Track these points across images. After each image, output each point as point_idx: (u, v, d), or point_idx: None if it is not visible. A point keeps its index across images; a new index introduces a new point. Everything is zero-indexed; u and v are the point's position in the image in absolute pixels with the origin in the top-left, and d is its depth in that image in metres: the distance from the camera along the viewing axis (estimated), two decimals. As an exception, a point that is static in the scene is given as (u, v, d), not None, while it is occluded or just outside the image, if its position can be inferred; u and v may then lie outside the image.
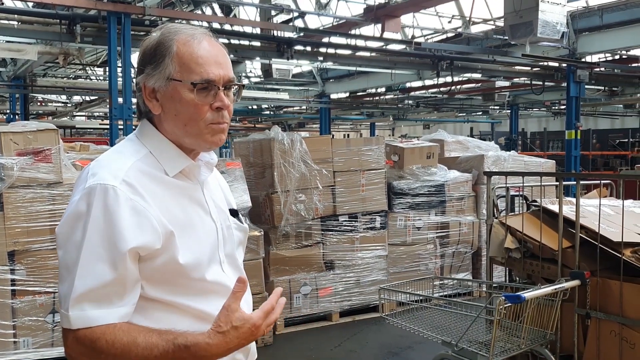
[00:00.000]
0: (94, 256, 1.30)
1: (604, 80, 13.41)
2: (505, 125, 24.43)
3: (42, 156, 4.45)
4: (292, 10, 10.74)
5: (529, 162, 7.47)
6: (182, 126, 1.44)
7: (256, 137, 6.17)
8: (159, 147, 1.47)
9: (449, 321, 3.64)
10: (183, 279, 1.41)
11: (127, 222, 1.32)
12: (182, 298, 1.41)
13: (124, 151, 1.46)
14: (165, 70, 1.41)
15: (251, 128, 25.09)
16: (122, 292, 1.33)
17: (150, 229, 1.34)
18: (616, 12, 10.65)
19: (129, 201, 1.33)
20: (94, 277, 1.30)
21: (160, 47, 1.43)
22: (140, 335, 1.31)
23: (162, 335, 1.32)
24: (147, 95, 1.45)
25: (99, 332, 1.30)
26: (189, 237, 1.42)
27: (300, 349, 5.31)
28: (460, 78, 14.49)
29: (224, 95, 1.44)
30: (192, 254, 1.41)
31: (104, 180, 1.34)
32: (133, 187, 1.35)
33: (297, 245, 5.75)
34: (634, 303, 3.26)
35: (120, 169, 1.37)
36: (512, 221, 3.98)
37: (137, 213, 1.34)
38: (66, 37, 7.73)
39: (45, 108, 21.06)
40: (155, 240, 1.35)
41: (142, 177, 1.39)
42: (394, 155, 6.69)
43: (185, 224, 1.43)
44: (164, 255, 1.37)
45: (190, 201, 1.48)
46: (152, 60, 1.44)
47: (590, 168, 18.34)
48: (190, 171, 1.50)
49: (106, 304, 1.31)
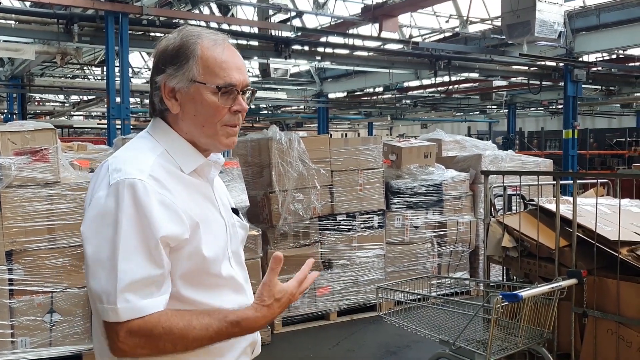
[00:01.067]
0: (132, 248, 1.33)
1: (601, 79, 13.45)
2: (503, 125, 24.47)
3: (40, 156, 4.45)
4: (289, 10, 10.75)
5: (527, 161, 7.48)
6: (199, 127, 1.49)
7: (254, 136, 6.17)
8: (174, 144, 1.50)
9: (446, 320, 3.65)
10: (206, 274, 1.47)
11: (158, 214, 1.36)
12: (202, 294, 1.46)
13: (141, 148, 1.49)
14: (189, 72, 1.46)
15: (249, 127, 25.07)
16: (160, 281, 1.37)
17: (178, 220, 1.39)
18: (613, 11, 10.68)
19: (157, 195, 1.37)
20: (135, 269, 1.33)
21: (184, 49, 1.47)
22: (193, 318, 1.37)
23: (212, 315, 1.40)
24: (166, 94, 1.49)
25: (154, 321, 1.34)
26: (208, 231, 1.47)
27: (298, 348, 5.31)
28: (457, 77, 14.54)
29: (243, 100, 1.51)
30: (212, 248, 1.47)
31: (131, 175, 1.37)
32: (159, 182, 1.40)
33: (295, 244, 5.76)
34: (630, 302, 3.27)
35: (145, 164, 1.41)
36: (509, 220, 3.99)
37: (165, 206, 1.38)
38: (64, 36, 7.73)
39: (43, 108, 21.04)
40: (184, 231, 1.40)
41: (164, 173, 1.43)
42: (391, 155, 6.70)
43: (204, 218, 1.47)
44: (190, 246, 1.42)
45: (204, 198, 1.52)
46: (174, 61, 1.48)
47: (588, 167, 18.36)
48: (202, 170, 1.54)
49: (149, 294, 1.35)
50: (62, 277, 4.46)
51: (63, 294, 4.50)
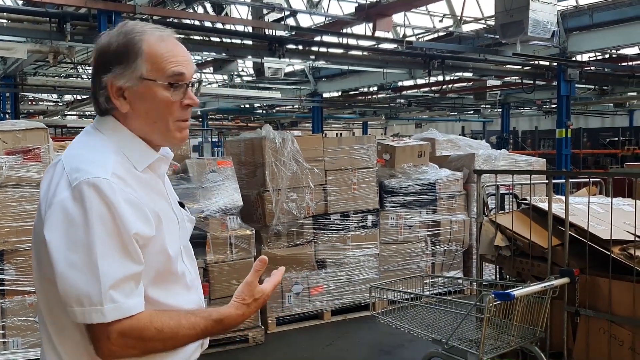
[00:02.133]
0: (110, 248, 1.31)
1: (594, 79, 13.50)
2: (497, 124, 24.53)
3: (31, 155, 4.43)
4: (283, 9, 10.73)
5: (520, 160, 7.49)
6: (152, 123, 1.47)
7: (247, 135, 6.16)
8: (125, 142, 1.47)
9: (439, 319, 3.65)
10: (166, 273, 1.46)
11: (126, 211, 1.34)
12: (158, 292, 1.45)
13: (95, 146, 1.45)
14: (137, 70, 1.43)
15: (243, 127, 25.08)
16: (138, 279, 1.37)
17: (145, 218, 1.38)
18: (606, 11, 10.72)
19: (123, 193, 1.35)
20: (116, 268, 1.31)
21: (129, 46, 1.44)
22: (182, 317, 1.40)
23: (197, 314, 1.43)
24: (114, 93, 1.45)
25: (146, 320, 1.34)
26: (166, 228, 1.46)
27: (292, 347, 5.31)
28: (451, 77, 14.56)
29: (193, 93, 1.50)
30: (172, 246, 1.47)
31: (96, 174, 1.34)
32: (123, 180, 1.38)
33: (289, 244, 5.75)
34: (622, 300, 3.28)
35: (107, 163, 1.38)
36: (502, 219, 4.00)
37: (133, 204, 1.36)
38: (56, 35, 7.69)
39: (36, 107, 20.97)
40: (150, 229, 1.39)
41: (124, 171, 1.41)
42: (385, 154, 6.70)
43: (161, 215, 1.46)
44: (157, 244, 1.41)
45: (158, 195, 1.51)
46: (119, 59, 1.44)
47: (581, 166, 18.43)
48: (154, 166, 1.52)
49: (131, 293, 1.34)
50: (54, 277, 4.43)
51: (55, 294, 4.47)
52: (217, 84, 21.34)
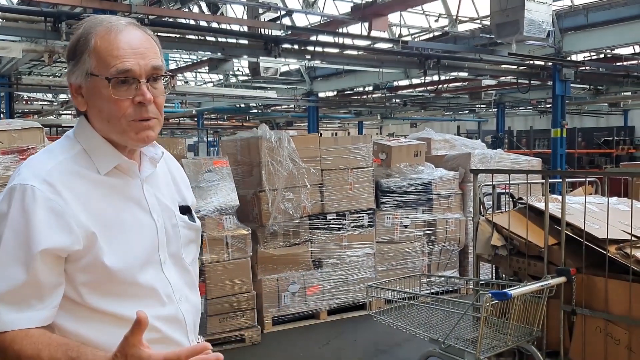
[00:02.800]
0: (9, 257, 1.27)
1: (589, 79, 13.53)
2: (492, 124, 24.56)
3: (27, 155, 4.40)
4: (279, 9, 10.72)
5: (515, 160, 7.51)
6: (106, 122, 1.38)
7: (244, 135, 6.15)
8: (91, 144, 1.41)
9: (436, 319, 3.66)
10: (115, 283, 1.35)
11: (43, 222, 1.27)
12: (114, 304, 1.35)
13: (54, 150, 1.41)
14: (84, 65, 1.36)
15: (239, 127, 25.04)
16: (39, 294, 1.28)
17: (67, 230, 1.29)
18: (601, 11, 10.74)
19: (47, 201, 1.29)
20: (7, 279, 1.26)
21: (80, 42, 1.37)
22: (45, 350, 1.25)
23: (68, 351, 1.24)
24: (73, 92, 1.41)
25: (8, 340, 1.25)
26: (118, 238, 1.36)
27: (288, 347, 5.31)
28: (447, 77, 14.58)
29: (146, 89, 1.36)
30: (120, 256, 1.35)
31: (25, 180, 1.30)
32: (53, 187, 1.31)
33: (285, 243, 5.75)
34: (618, 299, 3.29)
35: (42, 168, 1.33)
36: (498, 219, 4.01)
37: (55, 214, 1.29)
38: (51, 34, 7.65)
39: (31, 107, 20.89)
40: (73, 242, 1.30)
41: (66, 176, 1.34)
42: (381, 154, 6.71)
43: (114, 224, 1.37)
44: (88, 257, 1.32)
45: (124, 200, 1.41)
46: (73, 56, 1.38)
47: (576, 166, 18.49)
48: (127, 168, 1.43)
49: (25, 307, 1.27)
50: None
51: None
52: (212, 83, 21.32)
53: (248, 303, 5.33)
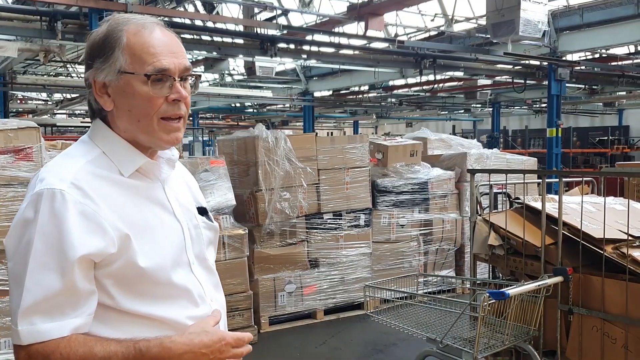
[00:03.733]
0: (42, 265, 1.23)
1: (584, 78, 13.57)
2: (487, 123, 24.61)
3: (23, 154, 4.39)
4: (275, 8, 10.73)
5: (511, 159, 7.53)
6: (135, 122, 1.36)
7: (240, 134, 6.14)
8: (112, 146, 1.39)
9: (433, 318, 3.66)
10: (148, 284, 1.34)
11: (77, 228, 1.25)
12: (149, 306, 1.34)
13: (73, 154, 1.39)
14: (116, 63, 1.34)
15: (234, 126, 25.02)
16: (74, 302, 1.26)
17: (101, 233, 1.27)
18: (596, 11, 10.78)
19: (78, 205, 1.26)
20: (42, 287, 1.22)
21: (109, 38, 1.35)
22: (97, 345, 1.25)
23: (121, 342, 1.27)
24: (97, 91, 1.37)
25: (52, 346, 1.23)
26: (148, 239, 1.35)
27: (285, 347, 5.30)
28: (442, 76, 14.59)
29: (180, 87, 1.37)
30: (152, 257, 1.34)
31: (51, 184, 1.27)
32: (82, 190, 1.28)
33: (282, 243, 5.74)
34: (615, 299, 3.30)
35: (68, 172, 1.30)
36: (495, 218, 4.01)
37: (87, 217, 1.26)
38: (47, 34, 7.64)
39: (26, 106, 20.81)
40: (108, 245, 1.27)
41: (92, 179, 1.32)
42: (377, 153, 6.71)
43: (143, 225, 1.35)
44: (122, 260, 1.30)
45: (149, 202, 1.40)
46: (100, 53, 1.35)
47: (571, 165, 18.55)
48: (148, 169, 1.42)
49: (59, 316, 1.24)
50: (46, 277, 4.39)
51: (47, 294, 4.44)
52: (208, 82, 21.27)
53: (245, 303, 5.32)
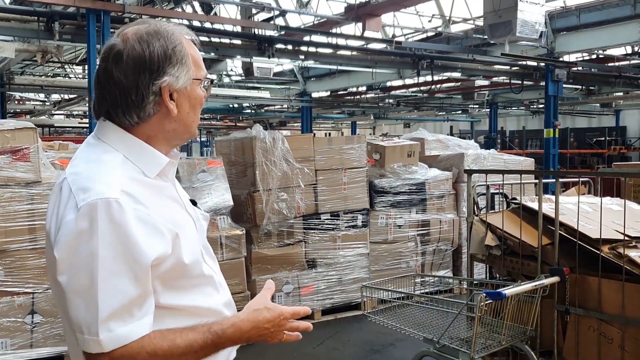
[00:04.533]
0: (112, 274, 1.25)
1: (581, 79, 13.59)
2: (485, 124, 24.64)
3: (21, 155, 4.39)
4: (273, 9, 10.73)
5: (508, 160, 7.54)
6: (189, 123, 1.49)
7: (238, 135, 6.15)
8: (133, 149, 1.41)
9: (430, 318, 3.67)
10: (187, 278, 1.42)
11: (140, 234, 1.28)
12: (185, 298, 1.42)
13: (102, 160, 1.37)
14: (190, 70, 1.45)
15: (232, 127, 25.00)
16: (141, 303, 1.30)
17: (160, 236, 1.32)
18: (593, 12, 10.81)
19: (135, 211, 1.29)
20: (117, 295, 1.25)
21: (178, 47, 1.43)
22: (177, 336, 1.31)
23: (196, 329, 1.34)
24: (166, 97, 1.41)
25: (136, 346, 1.27)
26: (185, 236, 1.41)
27: (282, 347, 5.30)
28: (440, 77, 14.60)
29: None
30: (191, 253, 1.43)
31: (102, 194, 1.27)
32: (133, 197, 1.30)
33: (279, 243, 5.75)
34: (612, 299, 3.31)
35: (113, 180, 1.31)
36: (492, 219, 4.02)
37: (145, 223, 1.30)
38: (44, 34, 7.63)
39: (23, 106, 20.78)
40: (167, 247, 1.34)
41: (133, 184, 1.34)
42: (375, 154, 6.71)
43: (179, 224, 1.42)
44: (171, 259, 1.36)
45: (171, 200, 1.46)
46: (174, 61, 1.41)
47: (568, 166, 18.58)
48: (167, 170, 1.48)
49: (129, 318, 1.27)
50: (43, 277, 4.40)
51: (44, 294, 4.44)
52: (205, 83, 21.22)
53: (242, 303, 5.24)
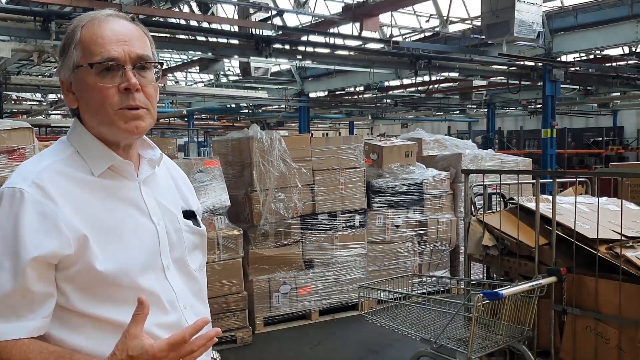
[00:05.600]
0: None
1: (578, 79, 13.61)
2: (482, 124, 24.65)
3: (17, 155, 4.38)
4: (270, 9, 10.71)
5: (506, 160, 7.54)
6: (94, 115, 1.34)
7: (235, 135, 6.14)
8: (84, 145, 1.37)
9: (427, 318, 3.66)
10: (110, 288, 1.29)
11: (32, 228, 1.23)
12: (110, 310, 1.29)
13: (45, 153, 1.38)
14: (71, 59, 1.34)
15: (229, 127, 24.99)
16: (30, 304, 1.23)
17: (56, 234, 1.24)
18: (590, 12, 10.82)
19: (37, 205, 1.24)
20: None
21: (67, 37, 1.36)
22: (36, 355, 1.21)
23: (62, 354, 1.22)
24: (65, 89, 1.38)
25: (8, 347, 1.21)
26: (112, 241, 1.30)
27: (280, 348, 5.30)
28: (437, 77, 14.61)
29: (131, 74, 1.32)
30: (115, 260, 1.29)
31: (13, 183, 1.26)
32: (43, 190, 1.26)
33: (277, 244, 5.74)
34: (609, 299, 3.30)
35: (31, 171, 1.29)
36: (489, 219, 4.02)
37: (45, 217, 1.24)
38: (41, 34, 7.61)
39: (20, 106, 20.76)
40: (64, 247, 1.24)
41: (57, 178, 1.30)
42: (372, 154, 6.71)
43: (110, 226, 1.31)
44: (80, 263, 1.26)
45: (120, 202, 1.36)
46: (62, 52, 1.37)
47: (566, 166, 18.59)
48: (122, 169, 1.38)
49: (14, 317, 1.21)
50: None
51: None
52: (203, 83, 21.27)
53: (239, 304, 5.31)
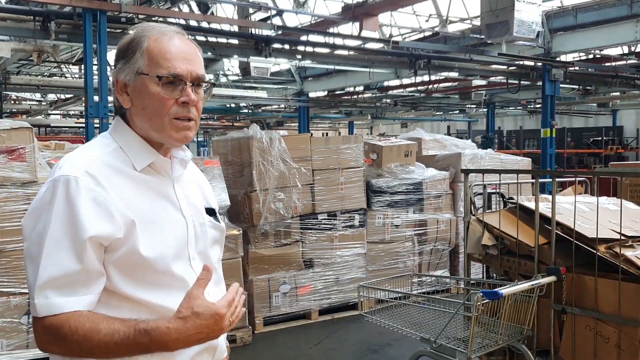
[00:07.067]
0: (57, 245, 1.34)
1: (578, 79, 13.59)
2: (482, 124, 24.64)
3: (16, 155, 4.38)
4: (270, 8, 10.72)
5: (506, 160, 7.55)
6: (148, 120, 1.48)
7: (234, 135, 6.14)
8: (127, 142, 1.51)
9: (427, 318, 3.67)
10: (148, 272, 1.43)
11: (88, 211, 1.36)
12: (146, 293, 1.43)
13: (92, 146, 1.52)
14: (135, 64, 1.47)
15: (229, 126, 24.98)
16: (86, 281, 1.36)
17: (109, 219, 1.38)
18: (590, 12, 10.82)
19: (90, 192, 1.37)
20: (57, 265, 1.33)
21: (133, 42, 1.49)
22: (103, 322, 1.34)
23: (125, 321, 1.35)
24: (118, 89, 1.50)
25: (63, 319, 1.33)
26: (152, 230, 1.45)
27: (280, 347, 5.30)
28: (437, 77, 14.60)
29: (190, 91, 1.48)
30: (155, 247, 1.44)
31: (67, 172, 1.39)
32: (95, 179, 1.39)
33: (276, 243, 5.74)
34: (608, 298, 3.31)
35: (83, 162, 1.42)
36: (489, 218, 4.02)
37: (98, 204, 1.37)
38: (40, 34, 7.60)
39: (19, 106, 20.73)
40: (115, 230, 1.38)
41: (106, 170, 1.43)
42: (372, 154, 6.71)
43: (149, 217, 1.45)
44: (126, 246, 1.40)
45: (158, 196, 1.51)
46: (124, 55, 1.49)
47: (565, 166, 18.60)
48: (160, 166, 1.53)
49: (71, 292, 1.34)
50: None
51: (40, 295, 4.42)
52: (202, 83, 21.16)
53: (239, 303, 5.30)
